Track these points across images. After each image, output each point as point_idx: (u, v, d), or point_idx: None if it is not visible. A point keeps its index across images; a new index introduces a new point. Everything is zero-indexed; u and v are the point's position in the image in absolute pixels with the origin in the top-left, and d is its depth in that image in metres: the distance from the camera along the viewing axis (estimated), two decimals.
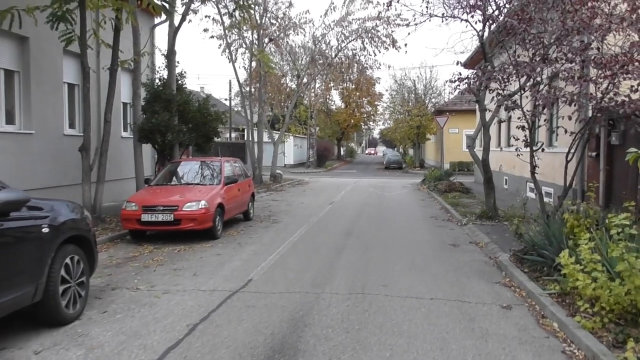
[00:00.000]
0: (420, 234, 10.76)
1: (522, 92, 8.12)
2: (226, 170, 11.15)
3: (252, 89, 23.86)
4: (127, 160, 13.85)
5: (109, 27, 10.78)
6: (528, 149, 8.74)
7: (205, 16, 26.18)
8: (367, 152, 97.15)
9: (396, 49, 26.37)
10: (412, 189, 23.28)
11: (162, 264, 7.80)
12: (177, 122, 13.22)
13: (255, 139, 24.75)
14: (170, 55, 13.36)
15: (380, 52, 27.02)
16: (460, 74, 8.54)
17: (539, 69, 7.11)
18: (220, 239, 9.96)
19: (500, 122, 8.76)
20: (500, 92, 8.09)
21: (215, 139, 14.93)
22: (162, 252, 8.70)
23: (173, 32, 13.31)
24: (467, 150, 37.66)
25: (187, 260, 8.05)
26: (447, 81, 9.21)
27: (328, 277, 6.95)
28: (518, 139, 9.19)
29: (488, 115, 12.19)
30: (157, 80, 13.83)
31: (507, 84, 8.06)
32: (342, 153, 68.28)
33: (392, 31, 25.50)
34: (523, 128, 8.47)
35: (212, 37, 23.99)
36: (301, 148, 48.20)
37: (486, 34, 11.29)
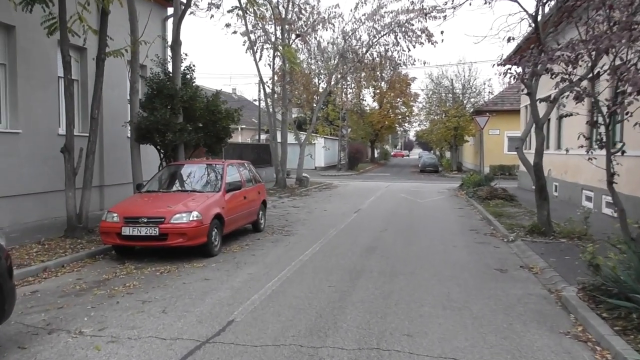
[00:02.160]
0: (458, 253, 8.92)
1: (598, 75, 6.19)
2: (229, 175, 9.61)
3: (276, 87, 22.33)
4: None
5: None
6: (603, 152, 6.75)
7: (228, 11, 24.85)
8: (392, 153, 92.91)
9: (432, 43, 24.46)
10: (449, 195, 21.27)
11: (132, 293, 6.27)
12: (181, 120, 11.80)
13: (279, 140, 23.23)
14: (175, 46, 11.94)
15: (414, 47, 25.03)
16: (506, 57, 6.70)
17: (624, 41, 5.16)
18: (217, 256, 8.40)
19: (561, 117, 6.83)
20: (566, 76, 6.19)
21: (227, 139, 13.40)
22: (140, 275, 7.20)
23: (177, 20, 11.89)
24: (511, 152, 35.25)
25: (165, 288, 6.50)
26: (494, 64, 7.38)
27: (334, 320, 5.26)
28: (588, 138, 7.23)
29: (541, 111, 10.19)
30: (161, 75, 12.44)
31: (575, 66, 6.18)
32: (375, 155, 66.23)
33: (426, 26, 23.60)
34: (595, 124, 6.53)
35: (235, 32, 22.72)
36: (331, 150, 46.55)
37: (540, 16, 9.36)
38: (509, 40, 7.19)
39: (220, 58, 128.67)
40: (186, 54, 13.21)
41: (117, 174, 13.50)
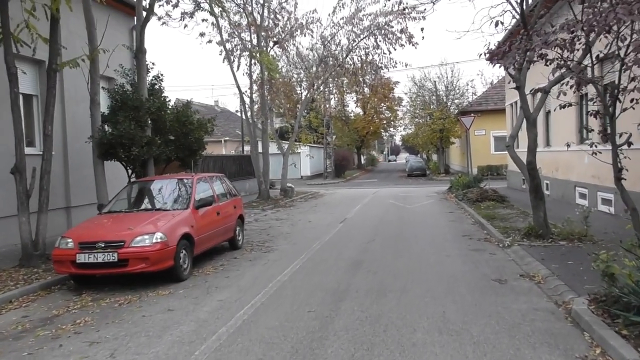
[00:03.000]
0: (452, 263, 8.18)
1: (604, 58, 5.50)
2: (199, 190, 8.80)
3: (255, 97, 21.60)
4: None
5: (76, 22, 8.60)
6: (607, 145, 6.07)
7: (203, 20, 24.10)
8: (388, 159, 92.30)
9: (413, 45, 23.98)
10: (438, 198, 20.62)
11: (80, 332, 5.43)
12: (149, 133, 11.00)
13: (261, 151, 22.46)
14: (139, 54, 11.17)
15: (395, 49, 24.47)
16: (496, 44, 6.03)
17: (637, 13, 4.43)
18: (187, 280, 7.57)
19: (563, 107, 6.13)
20: (562, 62, 5.50)
21: (201, 151, 12.61)
22: (96, 308, 6.35)
23: (140, 27, 11.12)
24: (498, 152, 34.80)
25: (120, 324, 5.66)
26: (480, 54, 6.70)
27: (313, 356, 4.48)
28: (592, 130, 6.55)
29: (531, 105, 9.54)
30: (126, 86, 11.64)
31: (572, 50, 5.50)
32: (362, 162, 65.65)
33: (406, 27, 23.09)
34: (597, 115, 5.85)
35: (210, 41, 21.99)
36: (316, 158, 45.84)
37: (525, 4, 8.73)
38: (496, 24, 6.50)
39: (202, 70, 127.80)
40: (153, 63, 12.39)
41: (85, 194, 12.56)
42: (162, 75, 12.40)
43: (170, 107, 12.09)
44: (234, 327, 5.31)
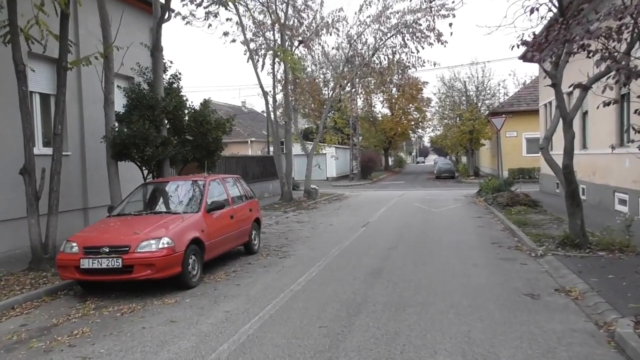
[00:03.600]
0: (479, 274, 7.57)
1: None
2: (211, 193, 8.42)
3: (278, 96, 21.26)
4: (122, 182, 11.27)
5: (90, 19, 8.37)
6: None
7: (227, 19, 23.90)
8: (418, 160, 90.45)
9: (442, 43, 23.26)
10: (466, 202, 19.85)
11: (75, 345, 5.09)
12: (165, 133, 10.73)
13: (284, 152, 22.09)
14: (155, 52, 10.89)
15: (423, 48, 23.81)
16: (532, 35, 5.43)
17: None
18: (196, 288, 7.19)
19: (606, 105, 5.47)
20: (606, 53, 4.86)
21: (219, 152, 12.26)
22: (97, 317, 6.02)
23: (156, 24, 10.84)
24: (530, 154, 33.64)
25: (118, 336, 5.30)
26: (513, 46, 6.11)
27: None
28: None
29: (567, 104, 8.83)
30: (143, 85, 11.40)
31: (620, 39, 4.87)
32: (389, 163, 64.77)
33: (434, 25, 22.39)
34: None
35: (234, 41, 21.72)
36: (342, 159, 45.29)
37: None
38: (532, 11, 5.87)
39: (230, 70, 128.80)
40: (171, 62, 12.13)
41: (103, 195, 12.31)
42: (180, 73, 12.12)
43: (188, 106, 11.78)
44: (236, 344, 4.87)
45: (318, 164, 28.16)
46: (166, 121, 11.02)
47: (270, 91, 21.10)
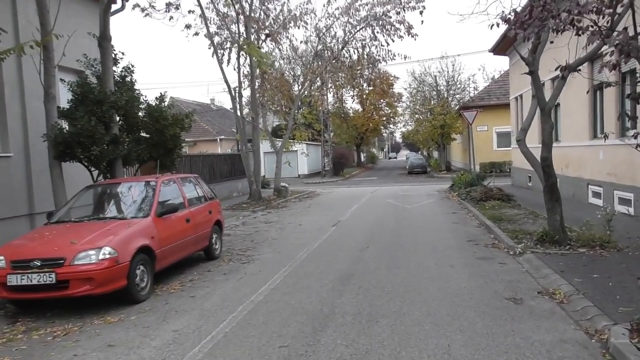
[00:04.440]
0: (456, 276, 7.02)
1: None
2: (164, 194, 7.64)
3: (244, 91, 20.41)
4: (72, 184, 10.34)
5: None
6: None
7: (189, 11, 22.94)
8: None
9: (412, 36, 22.88)
10: (440, 197, 19.45)
11: None
12: (116, 130, 9.87)
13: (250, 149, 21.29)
14: (103, 42, 9.99)
15: (393, 41, 23.28)
16: (513, 13, 4.86)
17: None
18: (146, 301, 6.43)
19: (607, 86, 4.93)
20: (595, 29, 4.30)
21: (178, 150, 11.43)
22: (25, 342, 5.21)
23: (103, 11, 9.94)
24: (501, 148, 33.65)
25: None
26: (492, 25, 5.53)
27: None
28: (638, 117, 5.35)
29: (547, 92, 8.36)
30: (93, 79, 10.49)
31: (614, 13, 4.32)
32: (362, 159, 64.47)
33: (404, 17, 21.93)
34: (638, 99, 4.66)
35: (197, 34, 20.77)
36: (314, 156, 44.66)
37: None
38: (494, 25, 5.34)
39: (199, 67, 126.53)
40: (123, 53, 11.23)
41: (52, 200, 11.44)
42: (132, 66, 11.22)
43: (143, 101, 10.91)
44: None
45: (288, 161, 27.39)
46: (117, 118, 10.16)
47: (236, 87, 20.25)
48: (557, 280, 6.38)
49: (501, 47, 21.36)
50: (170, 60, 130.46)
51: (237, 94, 19.86)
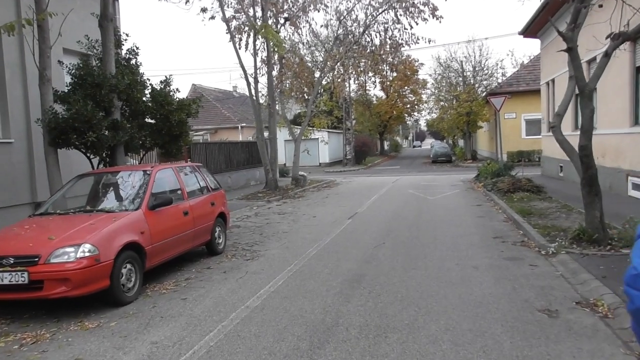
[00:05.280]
0: (480, 280, 6.21)
1: None
2: (159, 185, 7.01)
3: (258, 76, 19.67)
4: (75, 173, 9.80)
5: None
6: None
7: None
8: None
9: (437, 18, 21.81)
10: (464, 188, 18.49)
11: None
12: (118, 115, 9.30)
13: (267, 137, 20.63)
14: (104, 21, 9.37)
15: (417, 23, 22.24)
16: None
17: None
18: (133, 304, 5.82)
19: None
20: None
21: (186, 137, 10.80)
22: None
23: None
24: (530, 136, 32.34)
25: None
26: None
27: None
28: None
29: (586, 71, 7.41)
30: (95, 61, 9.92)
31: None
32: (385, 148, 63.33)
33: None
34: None
35: (213, 17, 20.16)
36: (336, 144, 43.80)
37: None
38: None
39: (221, 54, 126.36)
40: (127, 35, 10.64)
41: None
42: (137, 48, 10.62)
43: (147, 85, 10.30)
44: None
45: (307, 149, 26.69)
46: (119, 102, 9.57)
47: (252, 73, 19.56)
48: (599, 288, 5.53)
49: (532, 29, 20.10)
50: (193, 46, 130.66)
51: (254, 80, 19.16)
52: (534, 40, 22.67)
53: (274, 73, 22.92)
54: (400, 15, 22.25)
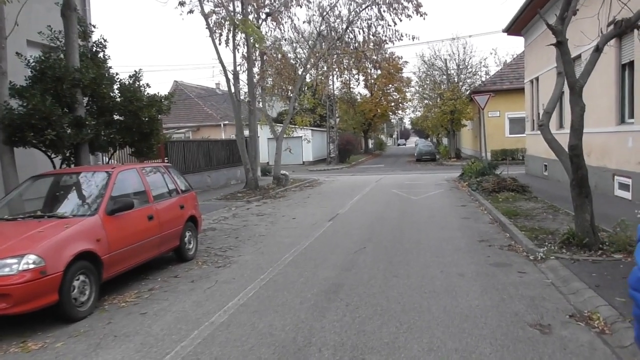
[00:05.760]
0: (467, 289, 5.78)
1: None
2: (119, 188, 6.44)
3: (238, 72, 19.07)
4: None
5: None
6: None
7: None
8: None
9: (421, 15, 21.42)
10: (448, 187, 18.15)
11: None
12: (83, 111, 8.70)
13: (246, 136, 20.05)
14: (67, 11, 8.77)
15: (400, 20, 21.87)
16: None
17: None
18: (86, 319, 5.27)
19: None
20: None
21: (157, 135, 10.23)
22: None
23: None
24: (513, 135, 32.24)
25: None
26: None
27: None
28: None
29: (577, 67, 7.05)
30: (60, 54, 9.29)
31: None
32: (369, 146, 63.05)
33: None
34: None
35: (192, 11, 19.48)
36: (316, 143, 43.37)
37: None
38: None
39: (204, 50, 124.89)
40: (94, 26, 10.05)
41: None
42: (105, 40, 10.01)
43: (115, 80, 9.70)
44: None
45: (289, 148, 26.15)
46: (83, 98, 8.98)
47: (231, 69, 18.95)
48: (593, 298, 5.13)
49: (516, 26, 19.84)
50: (175, 43, 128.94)
51: (233, 75, 18.57)
52: (517, 39, 22.47)
53: (255, 70, 22.38)
54: (384, 11, 21.88)
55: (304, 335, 4.54)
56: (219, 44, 19.56)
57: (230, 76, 18.35)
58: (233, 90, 18.65)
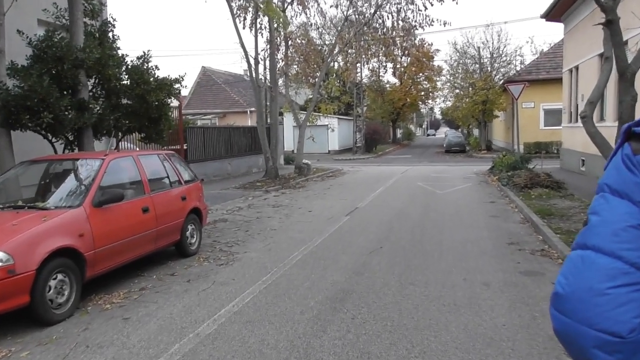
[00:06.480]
0: (492, 304, 5.04)
1: None
2: (110, 177, 5.90)
3: (258, 57, 18.46)
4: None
5: None
6: None
7: None
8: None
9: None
10: (477, 181, 17.21)
11: None
12: (86, 94, 8.23)
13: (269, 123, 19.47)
14: None
15: (432, 4, 20.81)
16: None
17: None
18: (63, 323, 4.76)
19: None
20: None
21: (166, 120, 9.71)
22: None
23: None
24: (548, 127, 30.79)
25: None
26: None
27: None
28: None
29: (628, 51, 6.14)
30: (63, 33, 8.82)
31: None
32: (397, 136, 61.78)
33: None
34: None
35: None
36: (342, 132, 42.52)
37: None
38: None
39: (234, 36, 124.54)
40: (102, 4, 9.54)
41: None
42: (114, 19, 9.51)
43: (122, 61, 9.19)
44: None
45: (312, 136, 25.46)
46: (88, 79, 8.50)
47: (253, 54, 18.34)
48: None
49: (556, 11, 18.59)
50: (204, 28, 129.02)
51: (254, 60, 17.96)
52: (556, 26, 21.19)
53: (280, 55, 21.73)
54: None
55: (298, 356, 3.91)
56: (243, 27, 19.04)
57: (252, 61, 17.75)
58: (254, 75, 18.05)
